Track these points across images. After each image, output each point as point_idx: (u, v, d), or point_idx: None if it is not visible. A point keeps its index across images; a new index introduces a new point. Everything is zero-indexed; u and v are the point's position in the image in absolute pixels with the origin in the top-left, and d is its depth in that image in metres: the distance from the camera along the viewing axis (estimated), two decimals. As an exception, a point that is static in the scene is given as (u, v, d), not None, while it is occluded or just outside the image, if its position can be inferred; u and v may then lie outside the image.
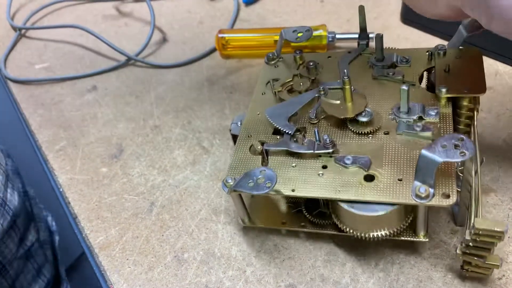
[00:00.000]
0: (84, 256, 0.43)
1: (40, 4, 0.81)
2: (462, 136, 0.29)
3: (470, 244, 0.28)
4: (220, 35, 0.60)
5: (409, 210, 0.32)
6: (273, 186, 0.31)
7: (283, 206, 0.38)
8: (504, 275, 0.32)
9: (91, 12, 0.78)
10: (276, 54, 0.45)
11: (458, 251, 0.29)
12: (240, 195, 0.35)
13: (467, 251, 0.29)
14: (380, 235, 0.32)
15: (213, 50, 0.63)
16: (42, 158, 0.52)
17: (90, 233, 0.41)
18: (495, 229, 0.27)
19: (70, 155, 0.50)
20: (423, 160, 0.29)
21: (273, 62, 0.45)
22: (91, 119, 0.55)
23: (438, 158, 0.28)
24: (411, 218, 0.32)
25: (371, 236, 0.32)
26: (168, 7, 0.76)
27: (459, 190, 0.32)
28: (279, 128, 0.37)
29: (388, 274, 0.34)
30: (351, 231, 0.32)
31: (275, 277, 0.35)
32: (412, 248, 0.35)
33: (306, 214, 0.36)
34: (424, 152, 0.28)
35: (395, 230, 0.32)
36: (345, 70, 0.36)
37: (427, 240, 0.33)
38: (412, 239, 0.33)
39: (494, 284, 0.32)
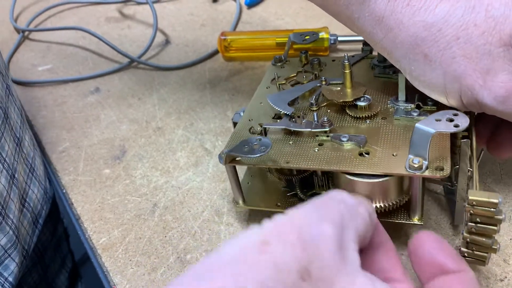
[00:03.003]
0: (87, 256, 0.43)
1: (43, 6, 0.81)
2: (456, 111, 0.29)
3: (475, 221, 0.28)
4: (222, 37, 0.60)
5: (406, 188, 0.32)
6: (268, 151, 0.32)
7: (278, 190, 0.38)
8: (506, 277, 0.32)
9: (94, 14, 0.79)
10: (283, 57, 0.46)
11: (463, 233, 0.29)
12: (236, 171, 0.36)
13: (473, 230, 0.28)
14: (376, 207, 0.32)
15: (215, 52, 0.63)
16: (45, 159, 0.52)
17: (93, 234, 0.42)
18: (489, 199, 0.26)
19: (73, 156, 0.51)
20: (417, 133, 0.29)
21: (279, 63, 0.46)
22: (94, 120, 0.55)
23: (431, 129, 0.28)
24: (407, 198, 0.33)
25: None
26: (170, 10, 0.76)
27: (456, 184, 0.33)
28: (279, 110, 0.37)
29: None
30: None
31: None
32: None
33: (301, 195, 0.37)
34: (418, 125, 0.29)
35: (391, 204, 0.32)
36: (345, 55, 0.36)
37: (422, 223, 0.33)
38: (406, 222, 0.33)
39: (496, 285, 0.32)
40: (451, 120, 0.29)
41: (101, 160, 0.49)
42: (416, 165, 0.29)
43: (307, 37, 0.45)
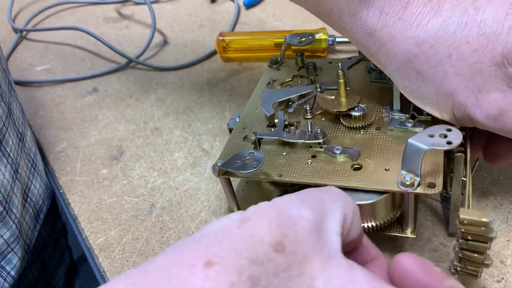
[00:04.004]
0: (84, 257, 0.43)
1: (42, 6, 0.81)
2: (450, 126, 0.29)
3: (466, 238, 0.28)
4: (220, 38, 0.60)
5: (397, 204, 0.32)
6: (259, 166, 0.32)
7: (273, 198, 0.38)
8: (503, 278, 0.32)
9: (93, 14, 0.79)
10: (279, 59, 0.46)
11: (456, 248, 0.29)
12: (230, 182, 0.36)
13: (464, 247, 0.28)
14: (366, 227, 0.32)
15: (213, 53, 0.63)
16: (43, 160, 0.52)
17: (90, 234, 0.42)
18: (480, 219, 0.26)
19: (70, 156, 0.50)
20: (410, 148, 0.29)
21: (275, 65, 0.46)
22: (91, 121, 0.55)
23: (424, 146, 0.28)
24: (399, 212, 0.32)
25: None
26: (168, 10, 0.76)
27: (451, 193, 0.33)
28: (263, 109, 0.38)
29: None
30: None
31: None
32: (412, 251, 0.35)
33: None
34: (410, 140, 0.29)
35: (382, 222, 0.32)
36: (339, 64, 0.36)
37: (415, 236, 0.33)
38: (399, 234, 0.33)
39: (493, 286, 0.32)
40: (445, 136, 0.28)
41: (99, 160, 0.49)
42: (408, 182, 0.29)
43: (303, 39, 0.45)
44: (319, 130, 0.34)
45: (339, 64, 0.37)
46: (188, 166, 0.46)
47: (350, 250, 0.26)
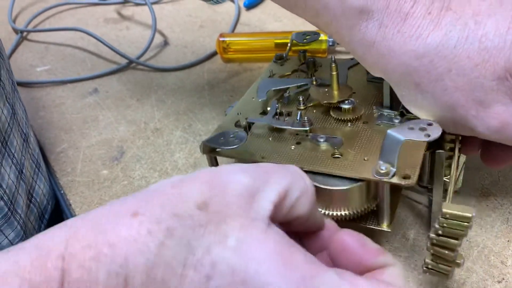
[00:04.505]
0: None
1: (42, 7, 0.81)
2: (431, 121, 0.29)
3: (440, 232, 0.28)
4: (221, 39, 0.60)
5: (372, 195, 0.32)
6: (241, 144, 0.33)
7: None
8: (503, 279, 0.33)
9: (93, 15, 0.79)
10: (284, 55, 0.47)
11: (428, 244, 0.29)
12: (216, 161, 0.36)
13: (436, 242, 0.28)
14: (339, 215, 0.32)
15: (214, 54, 0.63)
16: (44, 161, 0.52)
17: (91, 235, 0.42)
18: (463, 214, 0.26)
19: (71, 157, 0.50)
20: (388, 139, 0.29)
21: (280, 61, 0.47)
22: (92, 121, 0.55)
23: (402, 137, 0.28)
24: (374, 204, 0.32)
25: (331, 214, 0.32)
26: (169, 11, 0.76)
27: (431, 196, 0.33)
28: (257, 93, 0.40)
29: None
30: None
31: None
32: (412, 251, 0.35)
33: None
34: (389, 131, 0.29)
35: (355, 212, 0.32)
36: (332, 56, 0.37)
37: (390, 230, 0.33)
38: (374, 227, 0.33)
39: (494, 287, 0.32)
40: (423, 129, 0.29)
41: (99, 161, 0.49)
42: (382, 171, 0.29)
43: (308, 37, 0.46)
44: (306, 118, 0.35)
45: (332, 56, 0.37)
46: (189, 167, 0.47)
47: (309, 233, 0.26)
